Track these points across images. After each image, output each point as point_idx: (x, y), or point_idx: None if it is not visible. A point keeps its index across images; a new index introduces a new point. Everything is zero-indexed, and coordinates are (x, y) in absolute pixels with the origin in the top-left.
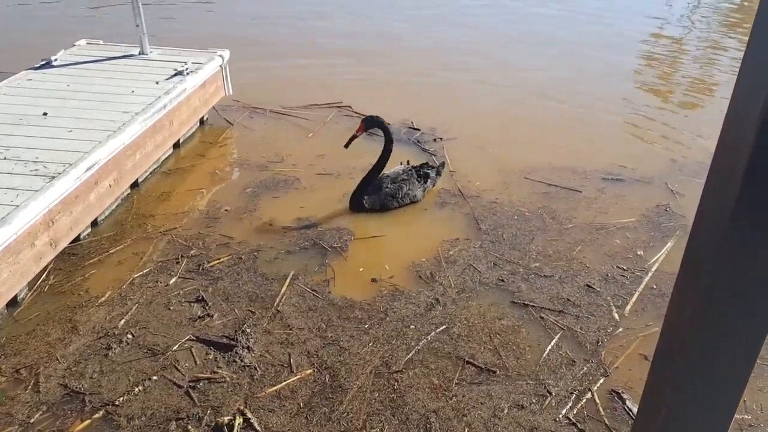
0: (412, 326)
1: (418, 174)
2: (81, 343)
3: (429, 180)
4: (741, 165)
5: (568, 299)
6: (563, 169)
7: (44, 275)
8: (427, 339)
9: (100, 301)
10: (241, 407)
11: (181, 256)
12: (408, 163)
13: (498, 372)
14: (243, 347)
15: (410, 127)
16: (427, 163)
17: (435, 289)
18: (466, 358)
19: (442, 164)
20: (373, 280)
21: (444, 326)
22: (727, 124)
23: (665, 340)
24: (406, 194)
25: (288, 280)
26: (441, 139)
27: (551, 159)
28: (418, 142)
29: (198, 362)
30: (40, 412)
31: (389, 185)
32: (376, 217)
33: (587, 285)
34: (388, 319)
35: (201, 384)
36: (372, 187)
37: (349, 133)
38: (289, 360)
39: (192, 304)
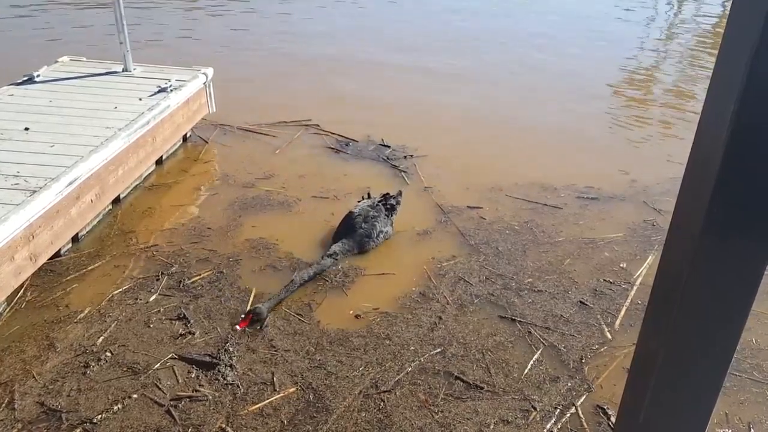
0: (411, 348)
1: (386, 207)
2: (58, 361)
3: (394, 212)
4: (711, 178)
5: (561, 315)
6: (532, 186)
7: (21, 291)
8: (420, 360)
9: (78, 318)
10: (223, 425)
11: (162, 273)
12: (369, 195)
13: (486, 388)
14: (226, 365)
15: (380, 144)
16: (388, 193)
17: (433, 307)
18: (456, 374)
19: (400, 192)
20: (357, 316)
21: (441, 347)
22: (698, 139)
23: (641, 352)
24: (380, 232)
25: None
26: (412, 156)
27: (517, 177)
28: (388, 159)
29: (180, 380)
30: (15, 430)
31: (362, 225)
32: None
33: (580, 301)
34: (386, 342)
35: (182, 402)
36: (344, 230)
37: (317, 150)
38: (273, 378)
39: (173, 321)
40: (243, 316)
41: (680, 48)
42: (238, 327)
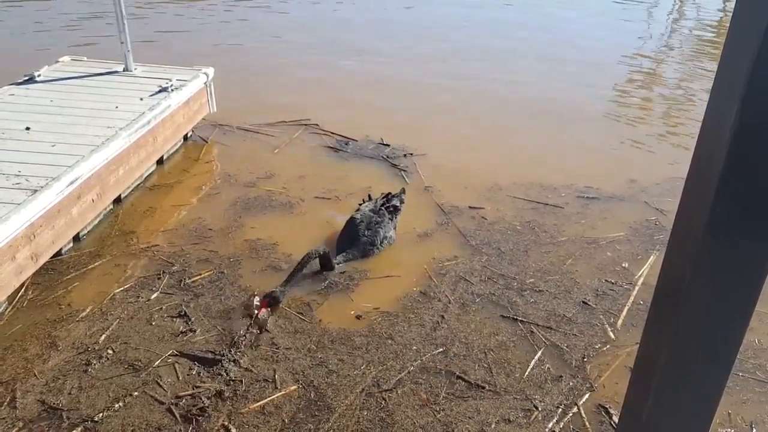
0: (413, 347)
1: (388, 210)
2: (60, 359)
3: (398, 212)
4: (715, 177)
5: (564, 315)
6: (531, 185)
7: (23, 290)
8: (422, 359)
9: (80, 317)
10: (225, 423)
11: (163, 272)
12: (369, 197)
13: (487, 387)
14: (228, 362)
15: (380, 143)
16: (390, 193)
17: (435, 307)
18: (457, 373)
19: (403, 190)
20: (358, 317)
21: (443, 347)
22: (701, 139)
23: (644, 352)
24: (383, 238)
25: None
26: (411, 154)
27: (517, 177)
28: (388, 157)
29: (181, 378)
30: (16, 429)
31: (365, 233)
32: None
33: (582, 301)
34: (389, 341)
35: (184, 400)
36: (347, 239)
37: (317, 150)
38: (274, 376)
39: (174, 319)
40: (258, 302)
41: (682, 48)
42: (256, 312)
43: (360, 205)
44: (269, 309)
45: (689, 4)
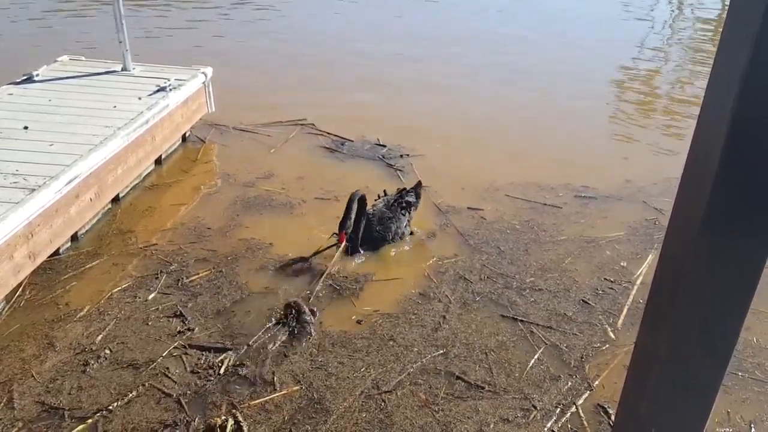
0: (414, 349)
1: (401, 207)
2: (57, 359)
3: (412, 208)
4: (711, 173)
5: (564, 314)
6: (529, 185)
7: (20, 289)
8: (423, 361)
9: (77, 317)
10: (233, 411)
11: (161, 272)
12: (385, 193)
13: (486, 387)
14: (228, 360)
15: (376, 144)
16: (404, 189)
17: (436, 308)
18: (457, 374)
19: (419, 184)
20: (359, 321)
21: (444, 348)
22: (698, 135)
23: (641, 348)
24: (395, 234)
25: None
26: (408, 155)
27: (514, 177)
28: (384, 158)
29: (184, 373)
30: (16, 429)
31: (377, 227)
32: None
33: (582, 300)
34: (390, 343)
35: (185, 396)
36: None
37: (314, 150)
38: (273, 378)
39: (171, 319)
40: (337, 234)
41: (679, 48)
42: (339, 243)
43: (375, 200)
44: (347, 241)
45: (688, 4)
